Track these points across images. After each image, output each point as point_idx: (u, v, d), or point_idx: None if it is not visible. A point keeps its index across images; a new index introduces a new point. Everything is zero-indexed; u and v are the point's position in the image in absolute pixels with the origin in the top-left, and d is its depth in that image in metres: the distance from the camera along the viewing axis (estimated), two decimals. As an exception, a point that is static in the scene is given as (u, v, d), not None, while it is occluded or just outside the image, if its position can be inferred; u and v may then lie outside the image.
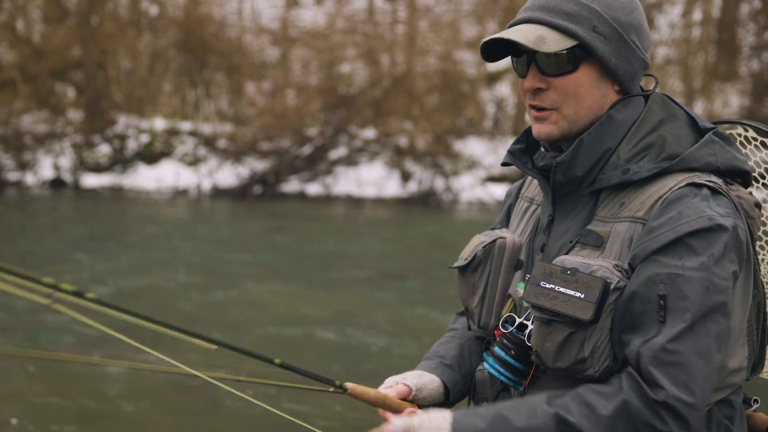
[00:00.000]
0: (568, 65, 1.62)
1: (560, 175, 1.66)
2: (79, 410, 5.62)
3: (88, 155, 22.36)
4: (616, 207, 1.62)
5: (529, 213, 1.83)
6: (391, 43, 25.61)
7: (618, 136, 1.65)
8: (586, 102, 1.64)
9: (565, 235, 1.69)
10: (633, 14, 1.65)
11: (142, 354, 5.70)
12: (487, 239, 1.81)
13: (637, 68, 1.67)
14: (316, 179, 21.66)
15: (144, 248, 12.65)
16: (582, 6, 1.61)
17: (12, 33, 24.50)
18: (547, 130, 1.66)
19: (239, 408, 5.66)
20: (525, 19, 1.65)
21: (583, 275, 1.54)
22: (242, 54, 25.02)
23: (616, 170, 1.62)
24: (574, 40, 1.60)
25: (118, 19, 25.36)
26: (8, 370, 6.35)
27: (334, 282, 10.28)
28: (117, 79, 24.26)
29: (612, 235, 1.60)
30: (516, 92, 24.75)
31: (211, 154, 22.29)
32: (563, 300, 1.54)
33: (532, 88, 1.65)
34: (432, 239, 14.82)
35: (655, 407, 1.48)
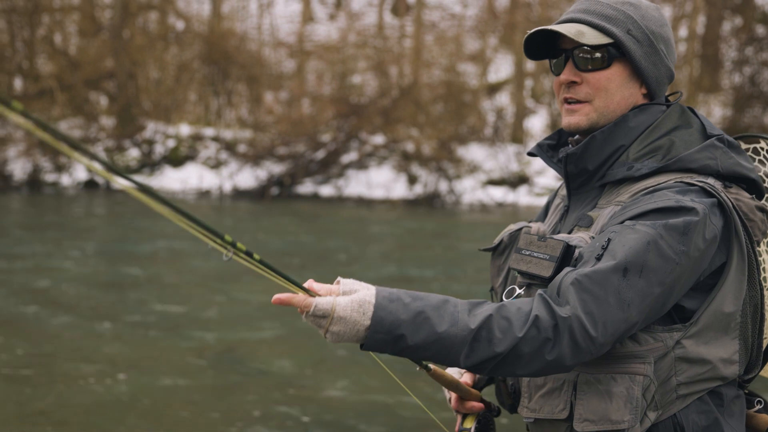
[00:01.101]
0: (602, 62, 1.66)
1: (572, 166, 1.69)
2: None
3: (119, 158, 22.41)
4: (612, 196, 1.65)
5: (560, 208, 1.85)
6: (399, 56, 25.59)
7: (631, 137, 1.66)
8: (615, 98, 1.67)
9: (576, 223, 1.71)
10: (663, 28, 1.71)
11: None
12: (515, 227, 1.85)
13: (663, 74, 1.71)
14: (329, 181, 21.66)
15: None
16: (620, 12, 1.67)
17: (50, 46, 24.58)
18: (576, 121, 1.69)
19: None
20: (567, 19, 1.70)
21: (551, 240, 1.60)
22: (261, 66, 25.04)
23: (622, 167, 1.65)
24: (610, 39, 1.65)
25: (147, 33, 25.42)
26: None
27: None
28: (146, 88, 24.31)
29: (600, 217, 1.63)
30: (514, 101, 24.71)
31: (232, 158, 22.31)
32: (534, 263, 1.61)
33: (568, 81, 1.68)
34: (435, 236, 14.81)
35: (558, 323, 1.44)
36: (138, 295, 8.78)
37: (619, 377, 1.55)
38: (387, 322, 1.43)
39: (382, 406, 5.50)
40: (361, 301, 1.45)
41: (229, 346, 6.95)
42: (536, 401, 1.66)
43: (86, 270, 10.28)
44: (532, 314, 1.45)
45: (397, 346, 1.45)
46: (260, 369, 6.34)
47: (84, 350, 6.66)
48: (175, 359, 6.51)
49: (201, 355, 6.63)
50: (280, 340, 7.19)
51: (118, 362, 6.36)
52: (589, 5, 1.70)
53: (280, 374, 6.22)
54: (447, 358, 1.46)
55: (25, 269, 10.10)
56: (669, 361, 1.56)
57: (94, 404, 5.40)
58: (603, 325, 1.46)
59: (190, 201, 19.86)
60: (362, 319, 1.44)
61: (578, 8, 1.71)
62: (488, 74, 26.06)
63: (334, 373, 6.24)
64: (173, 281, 9.79)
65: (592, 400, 1.56)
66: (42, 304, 8.24)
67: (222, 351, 6.79)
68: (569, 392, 1.60)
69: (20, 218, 16.48)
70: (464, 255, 12.45)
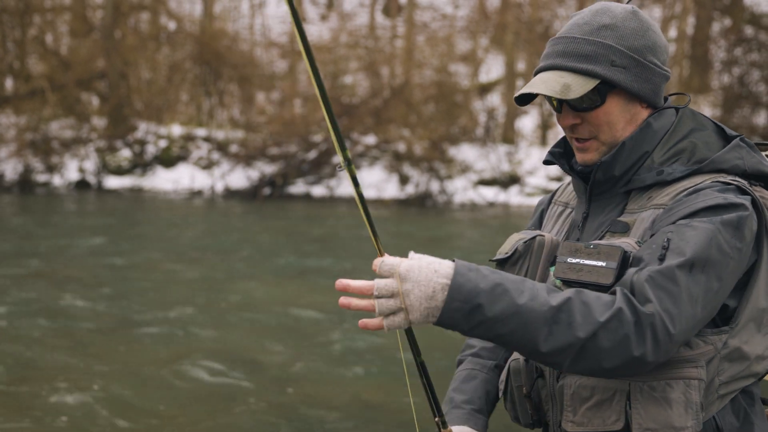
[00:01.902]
0: (595, 101, 1.65)
1: (600, 174, 1.68)
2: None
3: (110, 159, 22.34)
4: (644, 200, 1.65)
5: (564, 215, 1.84)
6: (391, 56, 25.59)
7: (654, 142, 1.68)
8: (619, 125, 1.67)
9: (599, 230, 1.70)
10: (645, 36, 1.66)
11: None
12: (526, 236, 1.80)
13: (658, 83, 1.69)
14: (321, 182, 21.65)
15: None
16: (597, 45, 1.64)
17: (42, 46, 24.49)
18: (590, 158, 1.70)
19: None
20: (548, 67, 1.67)
21: (604, 246, 1.55)
22: (253, 66, 25.00)
23: (650, 172, 1.65)
24: (596, 79, 1.63)
25: (139, 33, 25.35)
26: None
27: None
28: (138, 88, 24.24)
29: (637, 222, 1.62)
30: (506, 102, 24.74)
31: (223, 158, 22.27)
32: (587, 270, 1.55)
33: (569, 125, 1.69)
34: (427, 235, 14.82)
35: (641, 321, 1.42)
36: (131, 295, 8.76)
37: (674, 383, 1.54)
38: (465, 289, 1.39)
39: (381, 407, 5.50)
40: (436, 262, 1.42)
41: (227, 347, 6.94)
42: (583, 414, 1.61)
43: (78, 274, 10.25)
44: (616, 305, 1.42)
45: (473, 318, 1.40)
46: (258, 369, 6.33)
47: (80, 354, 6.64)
48: (172, 361, 6.50)
49: (199, 356, 6.63)
50: (279, 340, 7.19)
51: (114, 365, 6.34)
52: (566, 46, 1.66)
53: (280, 373, 6.22)
54: (525, 336, 1.40)
55: (22, 271, 10.06)
56: (716, 362, 1.57)
57: (95, 404, 5.39)
58: (680, 322, 1.45)
59: (182, 201, 19.83)
60: (437, 277, 1.40)
61: (556, 51, 1.68)
62: (479, 75, 26.10)
63: (333, 372, 6.24)
64: (167, 280, 9.78)
65: (650, 408, 1.55)
66: (39, 306, 8.21)
67: (221, 351, 6.78)
68: (622, 402, 1.56)
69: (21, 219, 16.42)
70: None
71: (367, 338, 7.14)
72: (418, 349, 1.53)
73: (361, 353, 6.74)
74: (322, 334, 7.35)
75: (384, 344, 6.97)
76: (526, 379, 1.76)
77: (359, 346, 6.97)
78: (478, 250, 13.27)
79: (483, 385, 1.91)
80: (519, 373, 1.77)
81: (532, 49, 24.38)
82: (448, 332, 1.52)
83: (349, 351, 6.85)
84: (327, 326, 7.64)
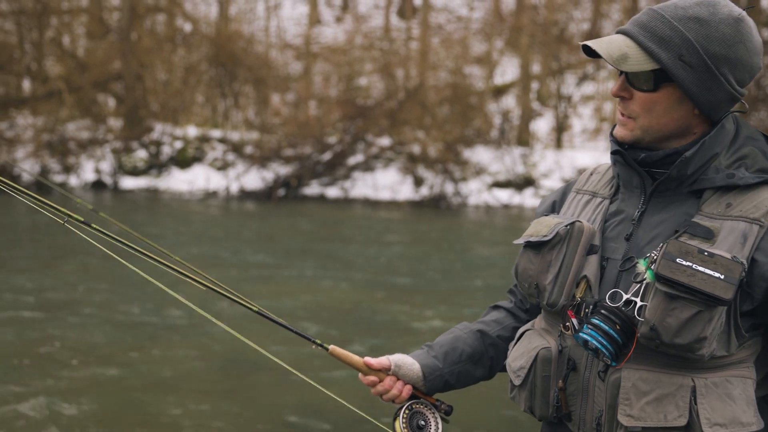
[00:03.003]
0: (648, 85, 1.62)
1: (676, 170, 1.64)
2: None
3: (126, 160, 22.47)
4: (722, 206, 1.62)
5: (594, 204, 1.80)
6: (406, 58, 25.61)
7: (724, 144, 1.66)
8: (662, 120, 1.64)
9: (660, 226, 1.66)
10: (733, 48, 1.59)
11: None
12: (565, 220, 1.75)
13: (720, 99, 1.63)
14: (335, 183, 21.68)
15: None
16: (677, 32, 1.59)
17: (59, 48, 24.67)
18: (622, 134, 1.68)
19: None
20: (624, 30, 1.65)
21: (721, 258, 1.52)
22: (268, 68, 25.07)
23: (719, 173, 1.63)
24: (656, 64, 1.59)
25: (155, 35, 25.48)
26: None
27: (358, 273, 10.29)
28: (154, 90, 24.37)
29: (723, 230, 1.59)
30: (520, 104, 24.71)
31: (238, 160, 22.35)
32: (702, 278, 1.51)
33: (617, 94, 1.67)
34: (442, 237, 14.81)
35: None
36: (138, 293, 8.81)
37: (734, 379, 1.58)
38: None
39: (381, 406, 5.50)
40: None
41: (225, 345, 6.97)
42: (641, 408, 1.58)
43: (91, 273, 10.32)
44: None
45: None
46: (257, 366, 6.35)
47: (85, 346, 6.68)
48: (171, 359, 6.52)
49: (197, 355, 6.65)
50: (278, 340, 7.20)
51: (118, 360, 6.38)
52: (649, 19, 1.62)
53: (279, 371, 6.23)
54: None
55: (26, 269, 10.14)
56: (757, 363, 1.64)
57: (96, 402, 5.42)
58: None
59: (197, 202, 19.91)
60: None
61: (639, 20, 1.64)
62: (494, 77, 26.07)
63: (332, 371, 6.25)
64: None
65: (716, 404, 1.56)
66: (40, 303, 8.27)
67: (218, 350, 6.81)
68: (687, 398, 1.56)
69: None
70: (475, 259, 12.43)
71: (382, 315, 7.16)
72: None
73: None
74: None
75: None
76: (557, 371, 1.72)
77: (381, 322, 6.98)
78: (492, 252, 13.25)
79: (453, 340, 1.96)
80: (549, 363, 1.73)
81: (547, 51, 24.32)
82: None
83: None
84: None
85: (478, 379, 1.98)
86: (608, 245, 1.72)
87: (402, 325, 7.87)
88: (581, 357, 1.68)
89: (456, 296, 9.40)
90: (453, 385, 1.94)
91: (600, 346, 1.58)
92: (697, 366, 1.57)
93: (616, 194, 1.78)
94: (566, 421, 1.73)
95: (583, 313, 1.66)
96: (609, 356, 1.59)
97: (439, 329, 7.64)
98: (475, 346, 1.94)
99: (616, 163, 1.74)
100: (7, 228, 14.10)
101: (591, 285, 1.68)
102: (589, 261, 1.70)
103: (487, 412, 5.19)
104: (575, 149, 23.24)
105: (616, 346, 1.58)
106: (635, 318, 1.58)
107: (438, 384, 1.91)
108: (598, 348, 1.58)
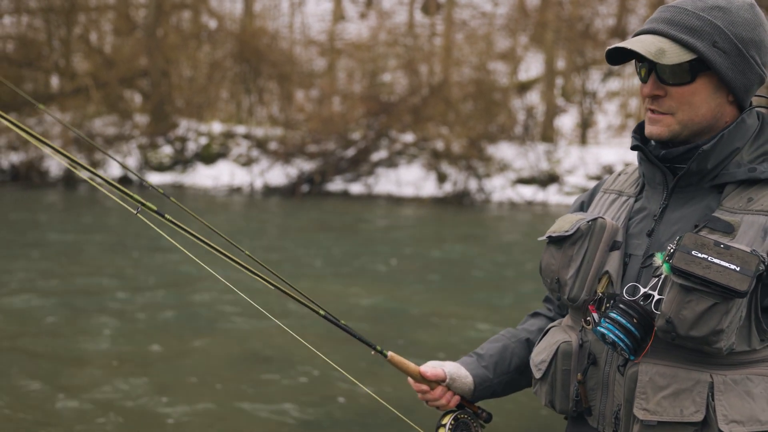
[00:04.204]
0: (686, 76, 1.63)
1: (695, 164, 1.65)
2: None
3: (152, 155, 22.65)
4: (743, 201, 1.62)
5: (619, 203, 1.81)
6: (429, 54, 25.56)
7: (745, 139, 1.66)
8: (701, 110, 1.64)
9: (680, 222, 1.67)
10: (756, 30, 1.63)
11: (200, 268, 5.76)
12: (587, 216, 1.77)
13: (753, 82, 1.66)
14: (359, 179, 21.70)
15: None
16: (705, 21, 1.61)
17: (86, 44, 24.92)
18: (659, 132, 1.67)
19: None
20: (650, 30, 1.65)
21: (737, 250, 1.52)
22: (292, 64, 25.14)
23: (740, 168, 1.64)
24: (694, 54, 1.60)
25: (180, 32, 25.66)
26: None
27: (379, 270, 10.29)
28: (179, 86, 24.53)
29: (743, 224, 1.58)
30: (544, 100, 24.56)
31: (263, 156, 22.45)
32: (717, 270, 1.51)
33: (651, 94, 1.66)
34: (465, 233, 14.78)
35: None
36: (150, 288, 8.87)
37: (755, 377, 1.57)
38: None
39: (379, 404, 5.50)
40: None
41: (224, 341, 7.00)
42: (658, 403, 1.58)
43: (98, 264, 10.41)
44: None
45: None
46: (265, 363, 6.37)
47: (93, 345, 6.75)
48: (173, 355, 6.57)
49: (197, 352, 6.69)
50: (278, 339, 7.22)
51: (127, 358, 6.43)
52: (673, 14, 1.64)
53: (279, 371, 6.25)
54: None
55: (44, 264, 10.25)
56: None
57: (96, 402, 5.47)
58: None
59: (221, 198, 20.03)
60: None
61: (662, 17, 1.65)
62: (519, 73, 25.95)
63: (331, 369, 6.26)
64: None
65: (734, 401, 1.55)
66: (52, 296, 8.36)
67: (216, 347, 6.84)
68: (704, 393, 1.56)
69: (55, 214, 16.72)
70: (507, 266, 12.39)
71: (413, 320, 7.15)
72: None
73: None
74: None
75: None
76: (578, 365, 1.73)
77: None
78: (515, 249, 13.20)
79: (502, 349, 1.96)
80: (569, 356, 1.74)
81: (572, 47, 24.15)
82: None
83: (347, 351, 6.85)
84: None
85: (523, 387, 2.00)
86: (631, 242, 1.72)
87: (433, 325, 7.87)
88: (601, 351, 1.69)
89: (493, 296, 9.38)
90: (499, 394, 1.98)
91: (617, 339, 1.59)
92: (716, 362, 1.57)
93: (641, 192, 1.79)
94: (586, 416, 1.74)
95: (603, 307, 1.67)
96: (626, 350, 1.59)
97: (474, 330, 7.63)
98: (522, 356, 1.96)
99: (641, 161, 1.75)
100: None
101: (612, 280, 1.69)
102: (611, 257, 1.71)
103: (517, 411, 5.18)
104: (600, 145, 23.08)
105: (633, 340, 1.59)
106: (653, 312, 1.59)
107: (486, 394, 1.95)
108: (615, 341, 1.59)
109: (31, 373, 5.87)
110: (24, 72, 23.69)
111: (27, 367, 6.00)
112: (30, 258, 10.54)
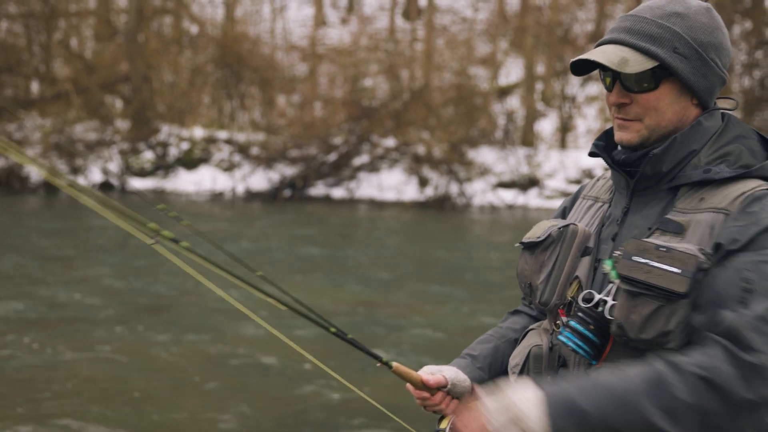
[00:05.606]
0: (650, 83, 1.65)
1: (649, 168, 1.68)
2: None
3: (133, 161, 22.51)
4: (695, 201, 1.64)
5: (594, 209, 1.84)
6: (411, 59, 25.61)
7: (702, 141, 1.68)
8: (667, 115, 1.67)
9: (640, 225, 1.69)
10: (714, 34, 1.66)
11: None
12: (559, 223, 1.80)
13: (715, 84, 1.69)
14: (341, 184, 21.69)
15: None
16: (664, 29, 1.64)
17: (66, 49, 24.74)
18: (628, 138, 1.69)
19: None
20: (612, 40, 1.68)
21: (677, 252, 1.54)
22: (274, 69, 25.11)
23: (696, 170, 1.65)
24: (656, 61, 1.63)
25: (162, 37, 25.55)
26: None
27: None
28: (160, 91, 24.42)
29: (693, 223, 1.60)
30: (524, 104, 24.67)
31: (245, 161, 22.38)
32: (658, 274, 1.54)
33: (617, 102, 1.68)
34: (447, 237, 14.80)
35: (746, 371, 1.45)
36: (145, 292, 8.82)
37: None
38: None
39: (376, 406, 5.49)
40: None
41: (220, 344, 6.97)
42: None
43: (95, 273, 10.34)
44: (713, 363, 1.46)
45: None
46: (254, 366, 6.35)
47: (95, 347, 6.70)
48: (169, 359, 6.53)
49: (195, 354, 6.65)
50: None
51: (123, 361, 6.39)
52: (633, 24, 1.66)
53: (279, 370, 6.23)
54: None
55: (41, 272, 10.16)
56: None
57: (99, 401, 5.43)
58: None
59: (203, 203, 19.93)
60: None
61: (622, 27, 1.68)
62: (499, 77, 26.04)
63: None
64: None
65: None
66: (55, 305, 8.29)
67: (214, 349, 6.81)
68: None
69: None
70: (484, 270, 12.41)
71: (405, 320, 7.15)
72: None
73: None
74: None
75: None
76: (548, 368, 1.77)
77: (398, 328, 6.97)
78: (496, 252, 13.25)
79: (494, 350, 1.97)
80: (540, 360, 1.78)
81: (552, 52, 24.30)
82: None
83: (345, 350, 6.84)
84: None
85: None
86: (602, 247, 1.75)
87: (416, 325, 7.87)
88: (570, 354, 1.72)
89: (471, 298, 9.40)
90: None
91: (575, 347, 1.63)
92: None
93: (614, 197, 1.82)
94: None
95: (572, 311, 1.70)
96: (586, 356, 1.64)
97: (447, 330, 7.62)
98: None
99: (611, 168, 1.78)
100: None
101: (582, 285, 1.72)
102: (582, 262, 1.75)
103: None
104: (579, 149, 23.21)
105: (592, 346, 1.63)
106: (608, 318, 1.62)
107: None
108: (574, 349, 1.64)
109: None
110: (4, 77, 23.50)
111: None
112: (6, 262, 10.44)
